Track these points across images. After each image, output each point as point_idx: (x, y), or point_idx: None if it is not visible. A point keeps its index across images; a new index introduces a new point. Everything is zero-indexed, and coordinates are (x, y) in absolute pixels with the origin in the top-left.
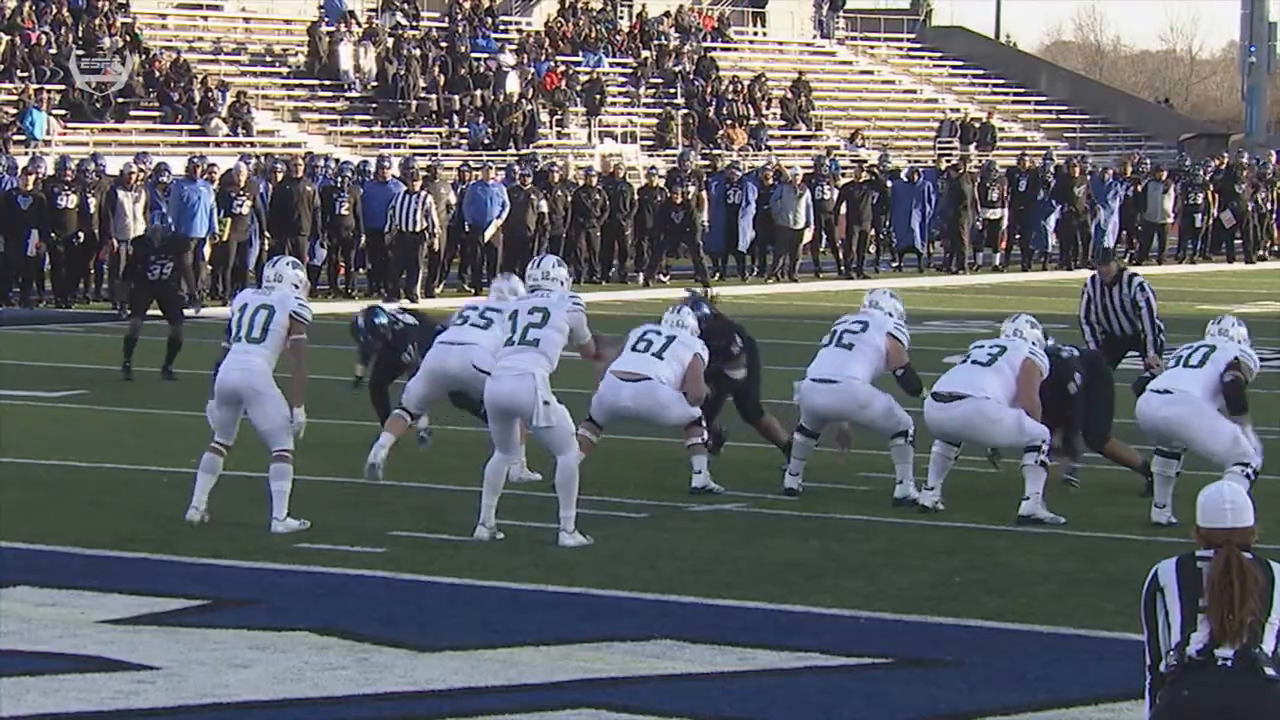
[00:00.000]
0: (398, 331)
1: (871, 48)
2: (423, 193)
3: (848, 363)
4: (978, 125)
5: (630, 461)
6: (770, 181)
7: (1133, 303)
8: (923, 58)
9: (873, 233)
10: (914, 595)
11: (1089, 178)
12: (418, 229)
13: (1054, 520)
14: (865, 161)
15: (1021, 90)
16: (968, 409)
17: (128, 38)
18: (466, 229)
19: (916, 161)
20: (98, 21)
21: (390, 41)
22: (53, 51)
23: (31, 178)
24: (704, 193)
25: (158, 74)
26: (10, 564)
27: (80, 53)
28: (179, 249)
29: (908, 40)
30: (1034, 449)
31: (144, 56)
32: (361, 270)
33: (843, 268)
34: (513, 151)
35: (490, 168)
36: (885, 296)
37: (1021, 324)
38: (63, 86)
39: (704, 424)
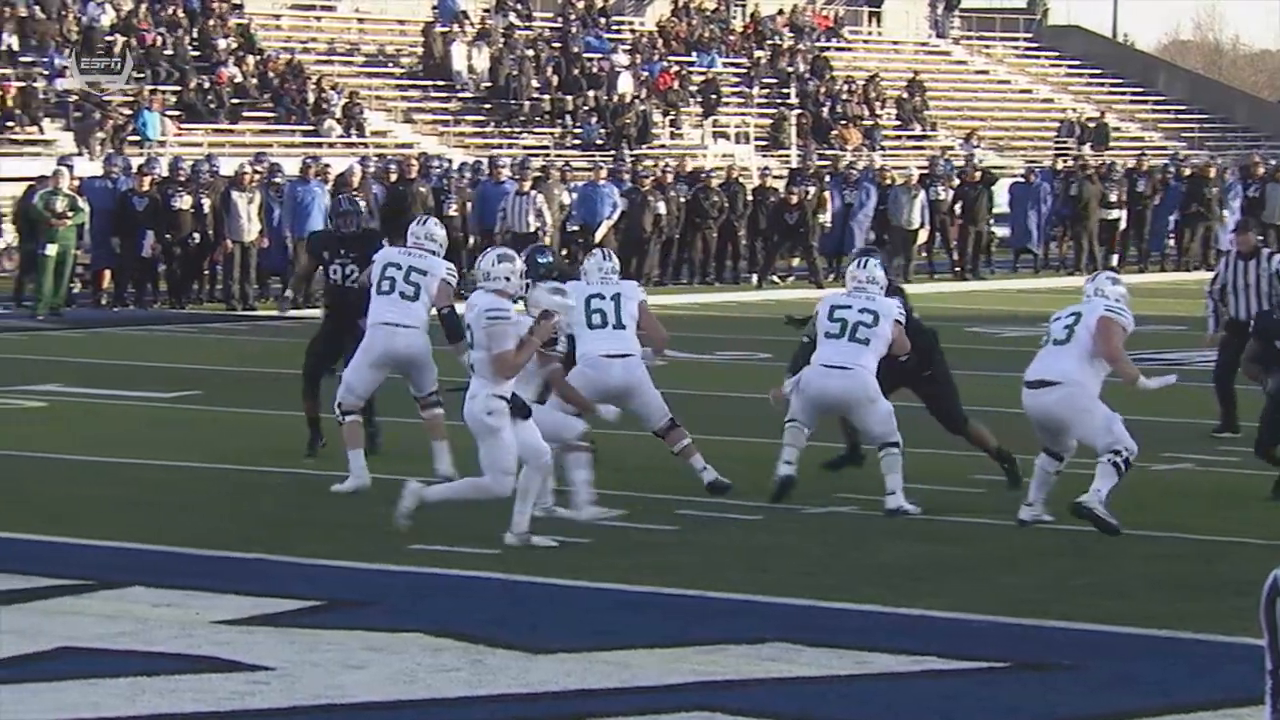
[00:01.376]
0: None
1: (987, 47)
2: (533, 193)
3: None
4: (1093, 125)
5: (740, 463)
6: (888, 182)
7: (1269, 281)
8: (1039, 57)
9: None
10: (1029, 598)
11: (1222, 180)
12: (530, 229)
13: (1108, 521)
14: (979, 161)
15: (1139, 90)
16: (1060, 396)
17: (242, 39)
18: (578, 229)
19: (1033, 162)
20: (212, 23)
21: (503, 42)
22: (168, 53)
23: (147, 179)
24: (825, 193)
25: (272, 75)
26: (126, 564)
27: (195, 54)
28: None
29: (1024, 40)
30: (1116, 451)
31: (258, 57)
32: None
33: (957, 269)
34: (626, 152)
35: (601, 168)
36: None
37: (1102, 281)
38: (178, 87)
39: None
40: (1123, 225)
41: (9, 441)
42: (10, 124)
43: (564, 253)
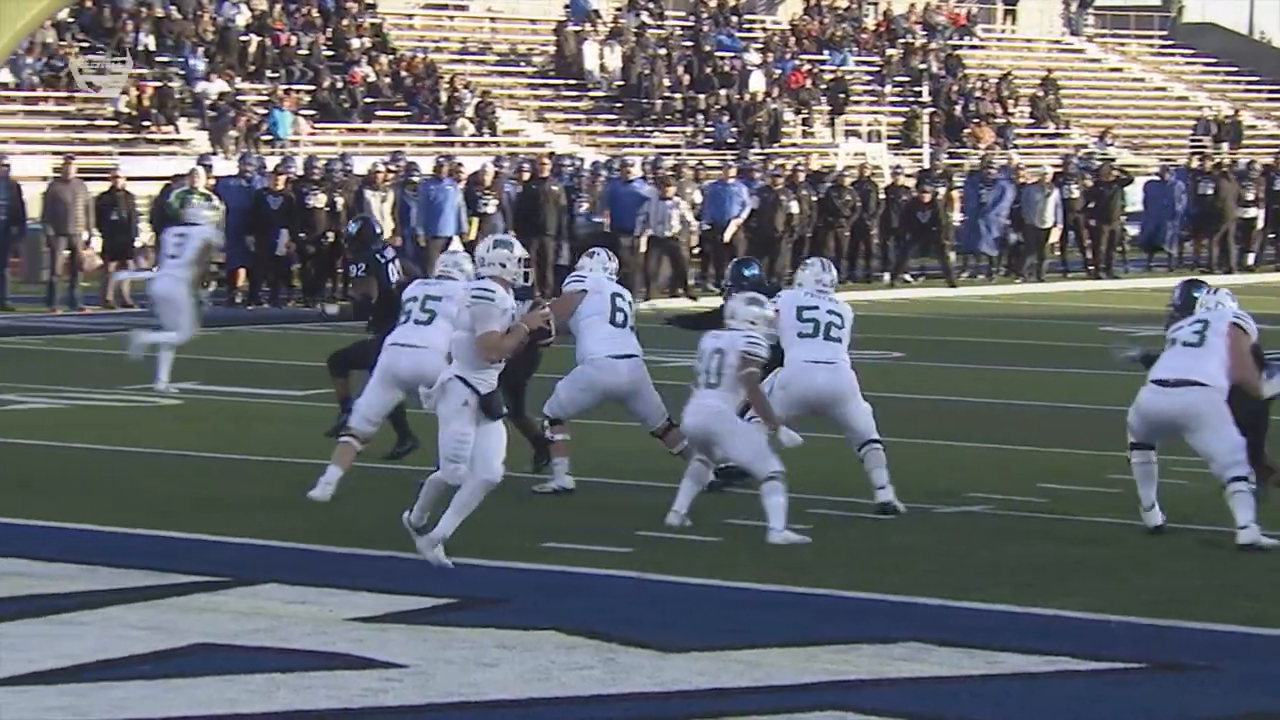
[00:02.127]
0: None
1: (1121, 45)
2: (676, 198)
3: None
4: (1228, 122)
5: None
6: (1022, 181)
7: None
8: (1173, 55)
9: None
10: (1164, 598)
11: None
12: (672, 234)
13: (1274, 544)
14: (1112, 160)
15: (1275, 87)
16: (1201, 397)
17: (376, 38)
18: (708, 228)
19: (1168, 160)
20: (346, 23)
21: (635, 40)
22: (303, 52)
23: (282, 178)
24: (953, 192)
25: (405, 75)
26: (261, 561)
27: (329, 54)
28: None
29: (1158, 37)
30: (1241, 478)
31: (391, 57)
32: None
33: (1090, 267)
34: (751, 151)
35: (731, 167)
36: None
37: (1222, 296)
38: (312, 87)
39: None
40: (1260, 224)
41: (145, 439)
42: (146, 124)
43: (696, 252)
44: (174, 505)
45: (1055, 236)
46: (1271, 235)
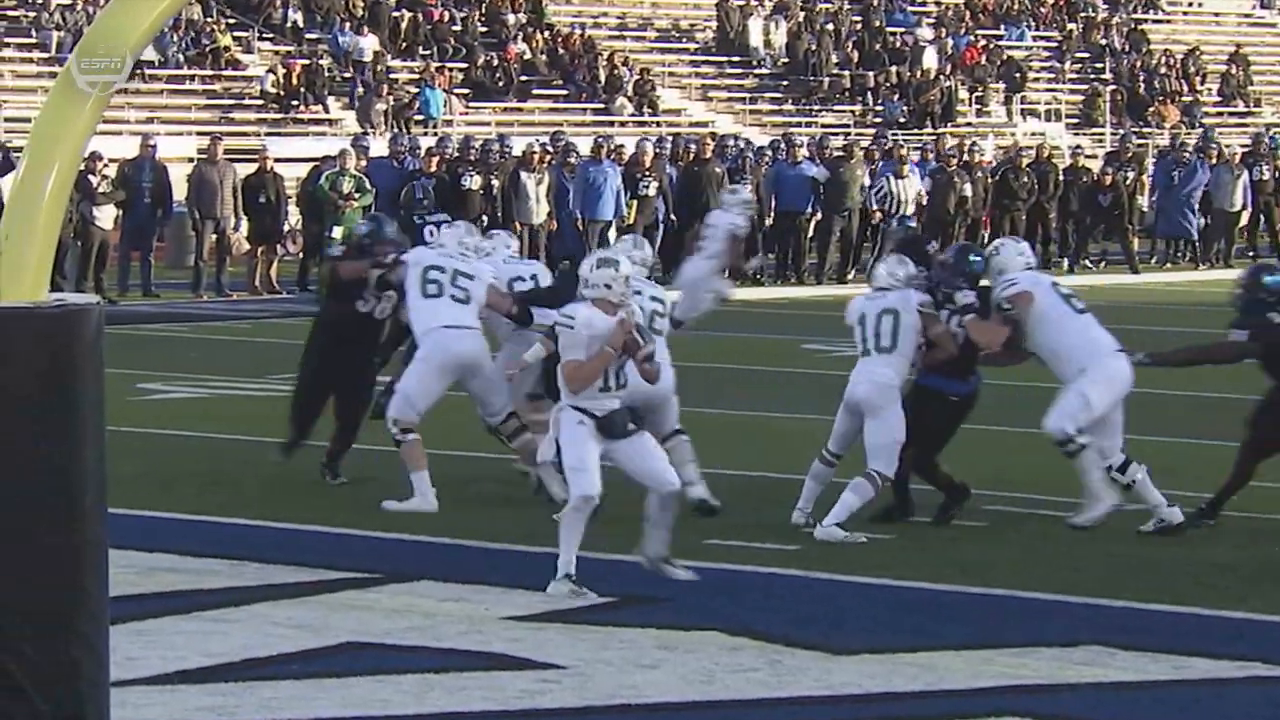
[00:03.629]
0: None
1: None
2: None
3: None
4: None
5: (1048, 456)
6: (1212, 161)
7: None
8: None
9: None
10: None
11: None
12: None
13: None
14: None
15: None
16: None
17: (532, 14)
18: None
19: None
20: None
21: (802, 16)
22: (456, 29)
23: (434, 159)
24: (1143, 176)
25: (562, 52)
26: (414, 558)
27: (484, 30)
28: None
29: None
30: None
31: (548, 33)
32: (772, 255)
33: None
34: (929, 131)
35: (904, 147)
36: None
37: None
38: (465, 64)
39: None
40: None
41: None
42: (295, 103)
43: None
44: (321, 499)
45: (1245, 220)
46: None
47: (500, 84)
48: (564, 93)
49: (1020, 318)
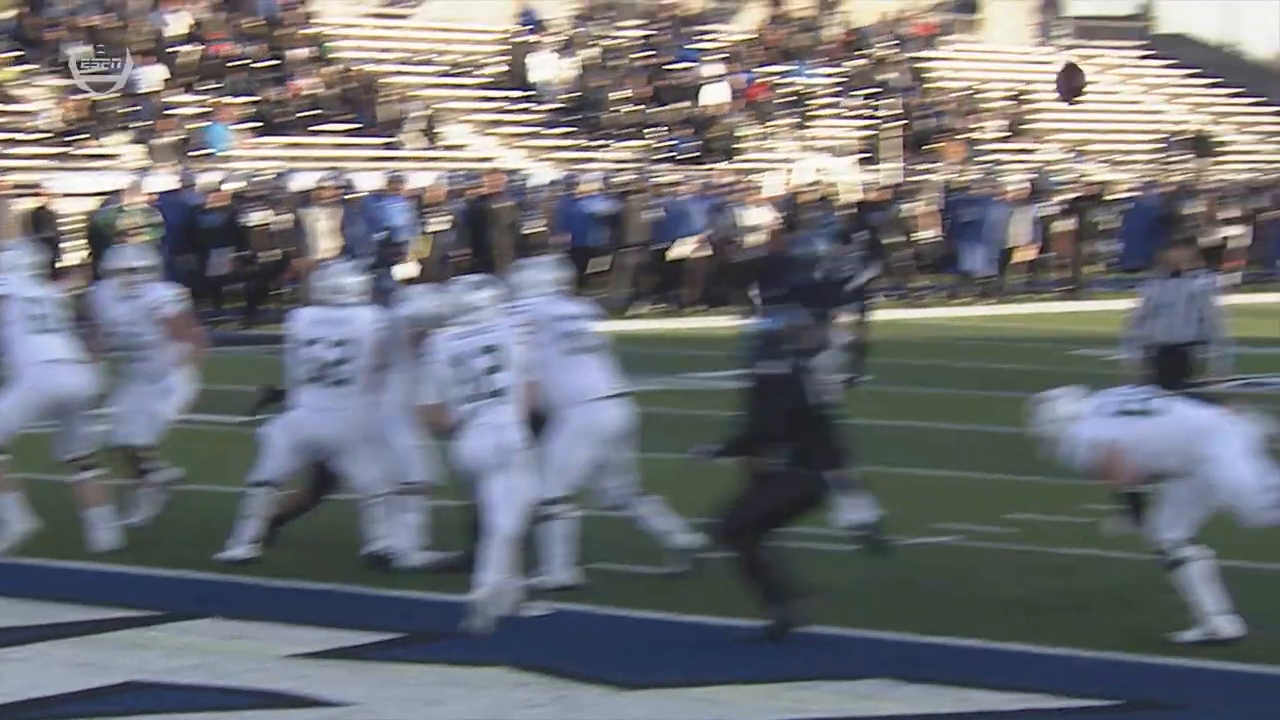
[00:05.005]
0: None
1: (1095, 56)
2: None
3: None
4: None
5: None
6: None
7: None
8: (1149, 67)
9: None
10: (1143, 635)
11: None
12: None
13: None
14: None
15: (1255, 100)
16: None
17: (315, 49)
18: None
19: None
20: (283, 33)
21: (588, 52)
22: (240, 63)
23: (218, 195)
24: (931, 209)
25: (348, 86)
26: (196, 595)
27: (269, 64)
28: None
29: (1132, 48)
30: None
31: (333, 68)
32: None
33: (1066, 287)
34: (719, 166)
35: (692, 182)
36: None
37: None
38: (252, 99)
39: None
40: (1241, 242)
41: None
42: (79, 137)
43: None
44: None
45: (1029, 255)
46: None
47: (286, 118)
48: (351, 127)
49: None
